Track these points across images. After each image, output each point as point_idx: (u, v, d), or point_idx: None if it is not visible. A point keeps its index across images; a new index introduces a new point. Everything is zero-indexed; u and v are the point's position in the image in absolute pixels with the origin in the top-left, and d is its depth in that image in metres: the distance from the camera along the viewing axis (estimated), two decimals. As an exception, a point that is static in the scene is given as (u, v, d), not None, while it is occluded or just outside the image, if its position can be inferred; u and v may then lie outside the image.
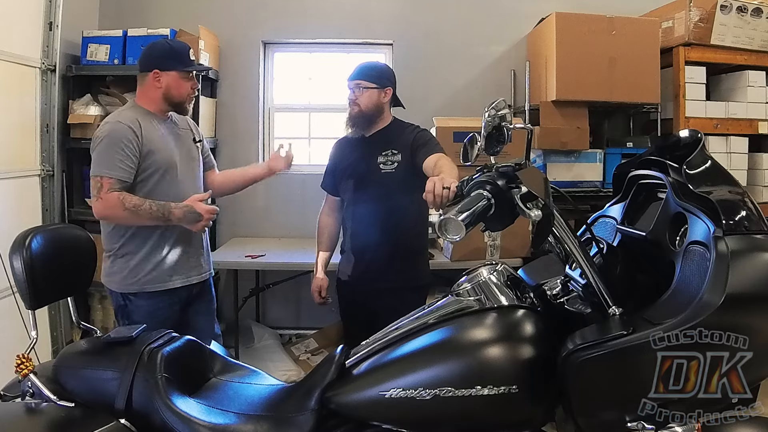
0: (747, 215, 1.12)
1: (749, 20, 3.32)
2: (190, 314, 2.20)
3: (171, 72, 2.11)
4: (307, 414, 1.26)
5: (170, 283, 2.10)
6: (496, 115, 1.30)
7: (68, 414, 1.39)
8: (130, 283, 2.07)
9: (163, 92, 2.12)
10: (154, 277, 2.08)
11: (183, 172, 2.14)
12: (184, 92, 2.14)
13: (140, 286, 2.07)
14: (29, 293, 1.48)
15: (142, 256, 2.06)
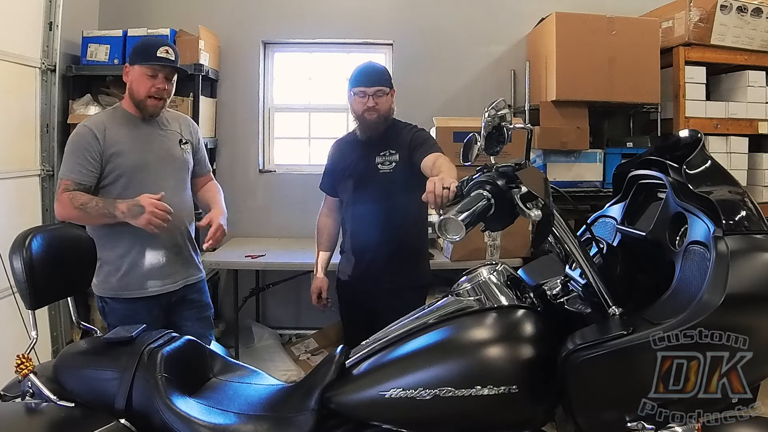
0: (747, 215, 1.12)
1: (749, 20, 3.32)
2: (177, 320, 2.14)
3: (135, 66, 2.04)
4: (307, 414, 1.26)
5: (144, 290, 2.05)
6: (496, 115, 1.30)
7: (68, 414, 1.38)
8: (105, 288, 2.04)
9: (128, 89, 2.07)
10: (128, 284, 2.04)
11: (158, 175, 2.06)
12: (143, 89, 2.03)
13: (115, 292, 2.04)
14: (29, 293, 1.48)
15: (115, 262, 2.03)
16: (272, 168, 3.93)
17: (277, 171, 3.90)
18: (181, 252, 2.14)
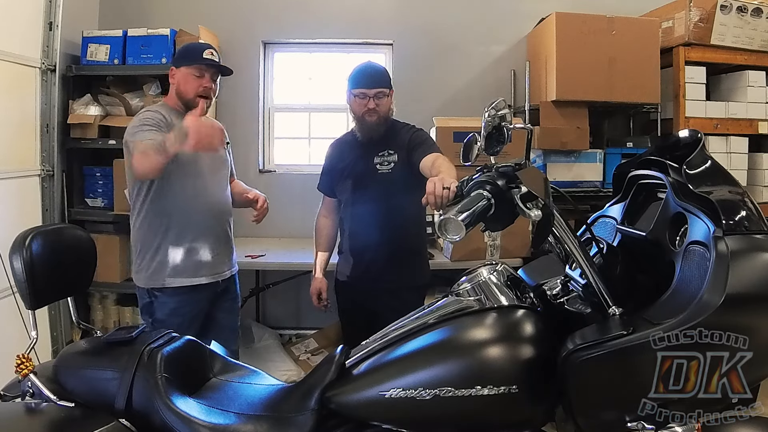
0: (747, 215, 1.12)
1: (749, 20, 3.32)
2: (216, 311, 2.24)
3: (181, 68, 2.15)
4: (307, 414, 1.26)
5: (196, 279, 2.13)
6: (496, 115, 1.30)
7: (68, 414, 1.39)
8: (156, 278, 2.10)
9: (176, 89, 2.17)
10: (181, 272, 2.10)
11: (208, 172, 2.18)
12: (191, 89, 2.14)
13: (164, 282, 2.09)
14: (29, 293, 1.48)
15: (169, 250, 2.09)
16: (272, 168, 3.93)
17: (277, 171, 3.90)
18: (228, 243, 2.28)
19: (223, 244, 2.24)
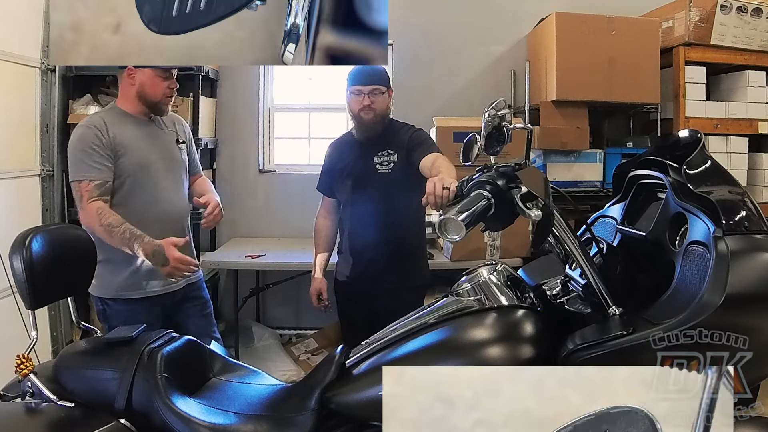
0: (747, 215, 1.12)
1: (749, 20, 3.32)
2: (180, 318, 2.14)
3: (145, 69, 2.00)
4: (307, 414, 1.26)
5: (147, 290, 2.04)
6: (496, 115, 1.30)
7: (68, 414, 1.38)
8: (106, 288, 2.03)
9: (137, 91, 2.03)
10: (131, 284, 2.02)
11: (159, 175, 2.06)
12: (159, 91, 2.02)
13: (116, 292, 2.03)
14: (29, 293, 1.48)
15: (118, 262, 2.00)
16: (272, 168, 3.93)
17: (277, 171, 3.90)
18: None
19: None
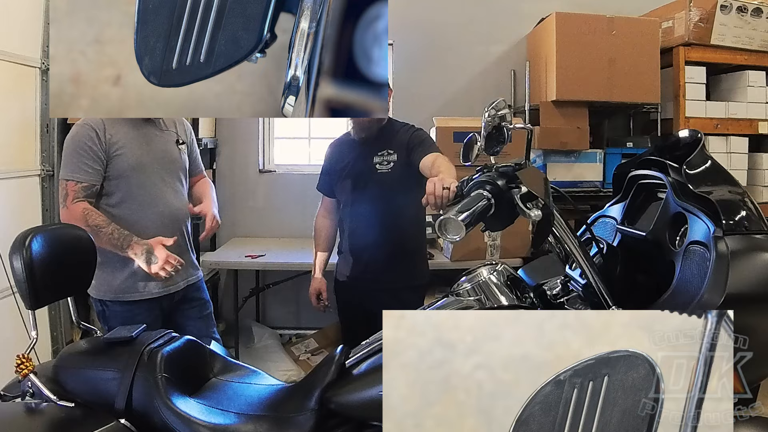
0: (747, 215, 1.12)
1: (749, 20, 3.32)
2: (179, 319, 2.14)
3: None
4: (307, 414, 1.26)
5: (145, 293, 2.03)
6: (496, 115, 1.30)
7: (68, 414, 1.38)
8: (105, 290, 2.02)
9: None
10: (129, 286, 2.02)
11: (156, 176, 2.05)
12: None
13: (115, 295, 2.02)
14: (29, 293, 1.48)
15: (116, 264, 1.99)
16: (272, 168, 3.93)
17: (277, 171, 3.90)
18: (181, 253, 2.11)
19: (177, 252, 2.05)
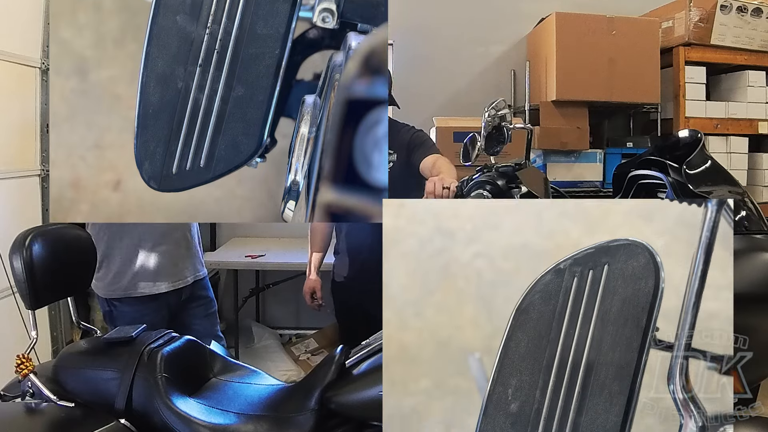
0: (747, 215, 1.12)
1: (749, 20, 3.32)
2: (185, 317, 2.15)
3: None
4: (307, 414, 1.26)
5: (155, 288, 2.04)
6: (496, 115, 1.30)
7: (68, 414, 1.38)
8: (113, 288, 2.02)
9: None
10: (138, 282, 2.02)
11: None
12: None
13: (124, 292, 2.02)
14: (29, 293, 1.48)
15: (124, 261, 2.00)
16: (272, 168, 3.92)
17: (277, 171, 3.89)
18: (188, 247, 2.14)
19: (183, 248, 2.11)
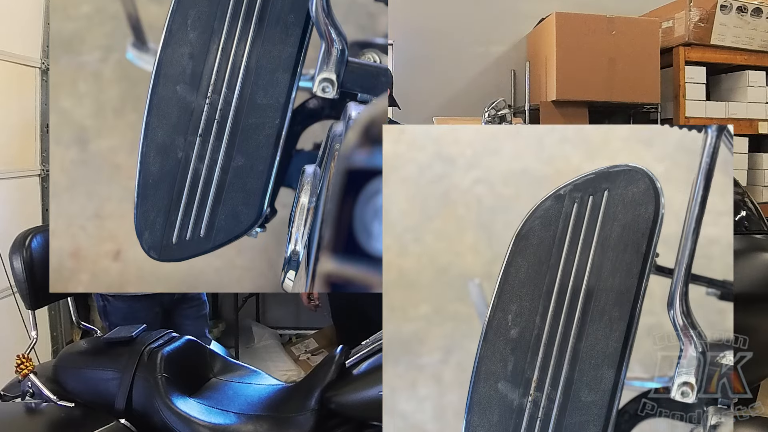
0: (747, 215, 1.12)
1: (749, 20, 3.32)
2: (177, 318, 2.16)
3: None
4: (307, 414, 1.26)
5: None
6: (496, 115, 1.31)
7: (68, 414, 1.39)
8: None
9: None
10: None
11: None
12: None
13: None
14: (29, 293, 1.48)
15: None
16: (272, 168, 3.92)
17: (277, 171, 3.90)
18: None
19: None
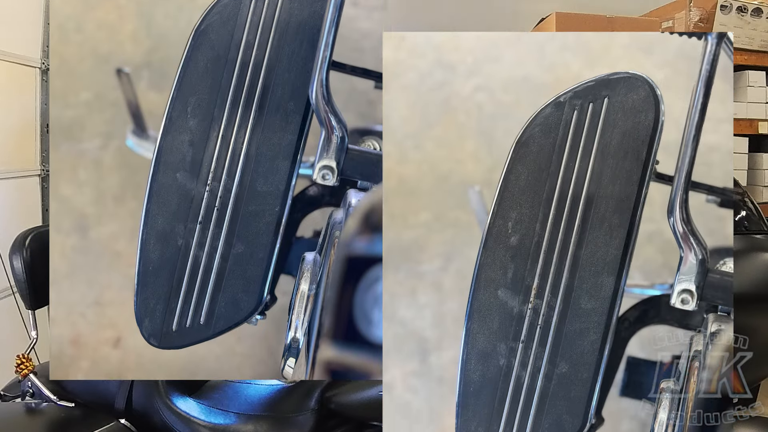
0: (747, 215, 1.12)
1: (749, 20, 3.32)
2: None
3: None
4: (307, 414, 1.26)
5: None
6: (496, 115, 1.30)
7: (68, 414, 1.39)
8: None
9: None
10: None
11: None
12: None
13: None
14: (29, 293, 1.48)
15: None
16: (272, 168, 3.92)
17: (277, 171, 3.89)
18: None
19: None
